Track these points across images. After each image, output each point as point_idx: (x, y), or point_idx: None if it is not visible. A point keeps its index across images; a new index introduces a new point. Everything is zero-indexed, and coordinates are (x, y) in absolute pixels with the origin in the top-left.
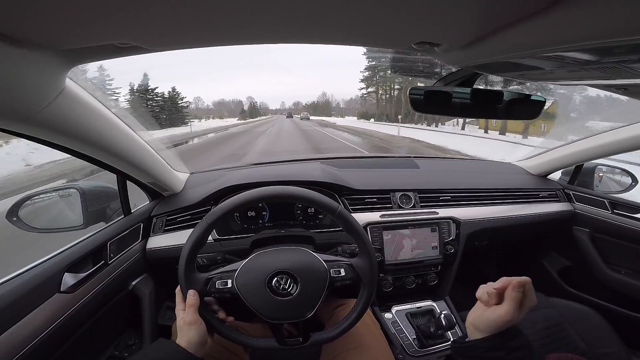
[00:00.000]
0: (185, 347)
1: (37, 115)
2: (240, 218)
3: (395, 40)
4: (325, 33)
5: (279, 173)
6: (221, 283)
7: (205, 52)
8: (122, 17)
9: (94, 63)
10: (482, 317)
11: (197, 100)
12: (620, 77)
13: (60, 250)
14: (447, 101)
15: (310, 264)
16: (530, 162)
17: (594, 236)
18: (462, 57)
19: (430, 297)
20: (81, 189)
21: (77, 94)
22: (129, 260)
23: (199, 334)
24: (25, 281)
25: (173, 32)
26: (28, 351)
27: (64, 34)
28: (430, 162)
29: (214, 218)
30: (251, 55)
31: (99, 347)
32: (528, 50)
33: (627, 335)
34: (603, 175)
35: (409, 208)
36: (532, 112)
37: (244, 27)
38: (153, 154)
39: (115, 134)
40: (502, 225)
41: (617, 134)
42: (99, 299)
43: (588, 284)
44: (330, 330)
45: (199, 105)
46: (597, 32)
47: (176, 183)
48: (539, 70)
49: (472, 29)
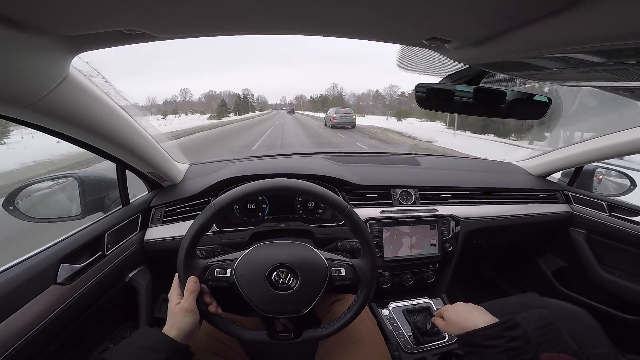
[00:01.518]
0: (175, 335)
1: (39, 102)
2: (240, 211)
3: (407, 36)
4: (335, 26)
5: (279, 166)
6: (220, 271)
7: (202, 43)
8: (132, 2)
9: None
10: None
11: (184, 93)
12: (629, 80)
13: (57, 240)
14: (449, 99)
15: (312, 261)
16: (531, 163)
17: (590, 238)
18: (472, 54)
19: (428, 294)
20: (79, 178)
21: (80, 82)
22: (126, 251)
23: (192, 322)
24: (20, 272)
25: (182, 20)
26: (23, 343)
27: (70, 19)
28: (431, 159)
29: (223, 204)
30: (252, 47)
31: (95, 340)
32: (540, 50)
33: (618, 336)
34: (602, 178)
35: (409, 204)
36: (537, 113)
37: (253, 16)
38: (154, 143)
39: (117, 122)
40: (501, 225)
41: (617, 137)
42: (96, 290)
43: (582, 285)
44: (323, 329)
45: (187, 98)
46: (609, 34)
47: (176, 173)
48: (548, 70)
49: (485, 27)
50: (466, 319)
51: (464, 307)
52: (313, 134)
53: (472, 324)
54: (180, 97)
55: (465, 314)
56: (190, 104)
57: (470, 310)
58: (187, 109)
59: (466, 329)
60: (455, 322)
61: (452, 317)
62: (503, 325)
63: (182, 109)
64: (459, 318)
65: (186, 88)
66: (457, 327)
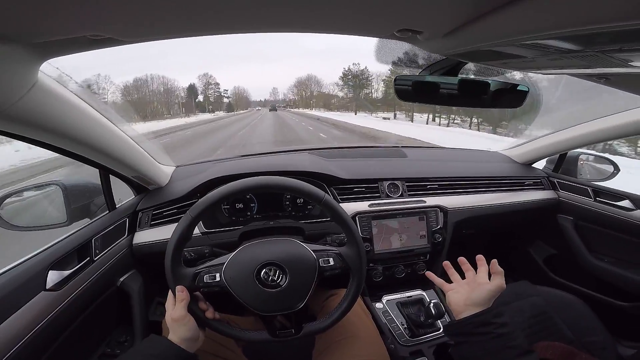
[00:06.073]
0: (177, 343)
1: (8, 109)
2: (228, 210)
3: (377, 28)
4: (305, 21)
5: (267, 164)
6: (209, 277)
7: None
8: (94, 7)
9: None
10: (479, 293)
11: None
12: (602, 66)
13: (44, 247)
14: (434, 91)
15: (299, 255)
16: (516, 151)
17: (577, 224)
18: (444, 45)
19: (420, 286)
20: (63, 185)
21: (50, 88)
22: (115, 256)
23: (189, 329)
24: (8, 280)
25: (148, 22)
26: (16, 351)
27: (34, 27)
28: (417, 151)
29: (198, 211)
30: (231, 45)
31: (90, 345)
32: (510, 37)
33: (611, 323)
34: (585, 164)
35: (397, 197)
36: (516, 101)
37: (222, 15)
38: (135, 147)
39: (93, 127)
40: (488, 213)
41: (599, 124)
42: (87, 296)
43: (573, 272)
44: (322, 321)
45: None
46: (578, 20)
47: (161, 176)
48: (521, 58)
49: (454, 16)
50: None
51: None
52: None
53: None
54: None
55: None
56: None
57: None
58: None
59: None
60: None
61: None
62: (491, 312)
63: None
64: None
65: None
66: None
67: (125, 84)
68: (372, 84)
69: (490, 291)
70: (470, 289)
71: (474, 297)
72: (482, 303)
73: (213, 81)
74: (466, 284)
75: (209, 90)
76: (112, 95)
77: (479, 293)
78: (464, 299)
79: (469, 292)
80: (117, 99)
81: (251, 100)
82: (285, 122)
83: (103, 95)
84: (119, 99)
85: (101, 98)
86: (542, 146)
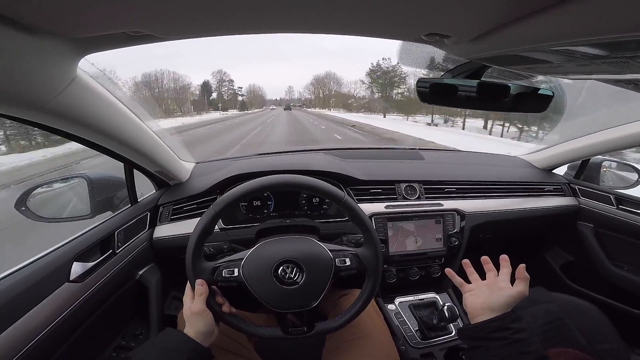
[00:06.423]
0: (193, 337)
1: (48, 103)
2: (246, 208)
3: (405, 32)
4: (335, 23)
5: (284, 162)
6: (228, 272)
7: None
8: (136, 4)
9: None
10: (498, 298)
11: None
12: (631, 72)
13: (69, 239)
14: (453, 94)
15: (316, 253)
16: (536, 156)
17: (598, 231)
18: (472, 49)
19: (434, 289)
20: (88, 178)
21: (87, 83)
22: (136, 249)
23: (207, 323)
24: (34, 270)
25: (186, 21)
26: (38, 341)
27: (77, 22)
28: (435, 154)
29: (222, 206)
30: (247, 43)
31: (107, 337)
32: (539, 43)
33: (627, 331)
34: (608, 171)
35: (414, 199)
36: (539, 106)
37: (254, 15)
38: (161, 143)
39: (124, 122)
40: (506, 219)
41: (623, 130)
42: (108, 288)
43: (590, 279)
44: (334, 320)
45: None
46: (609, 27)
47: (182, 172)
48: (548, 63)
49: (483, 21)
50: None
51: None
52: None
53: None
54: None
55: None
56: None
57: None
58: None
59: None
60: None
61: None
62: (508, 318)
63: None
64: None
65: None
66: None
67: (134, 80)
68: (407, 82)
69: (511, 297)
70: (489, 293)
71: (492, 301)
72: (499, 309)
73: (227, 78)
74: (485, 286)
75: (223, 87)
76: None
77: (498, 298)
78: (481, 302)
79: (487, 295)
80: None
81: (267, 98)
82: (304, 126)
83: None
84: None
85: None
86: (563, 152)
